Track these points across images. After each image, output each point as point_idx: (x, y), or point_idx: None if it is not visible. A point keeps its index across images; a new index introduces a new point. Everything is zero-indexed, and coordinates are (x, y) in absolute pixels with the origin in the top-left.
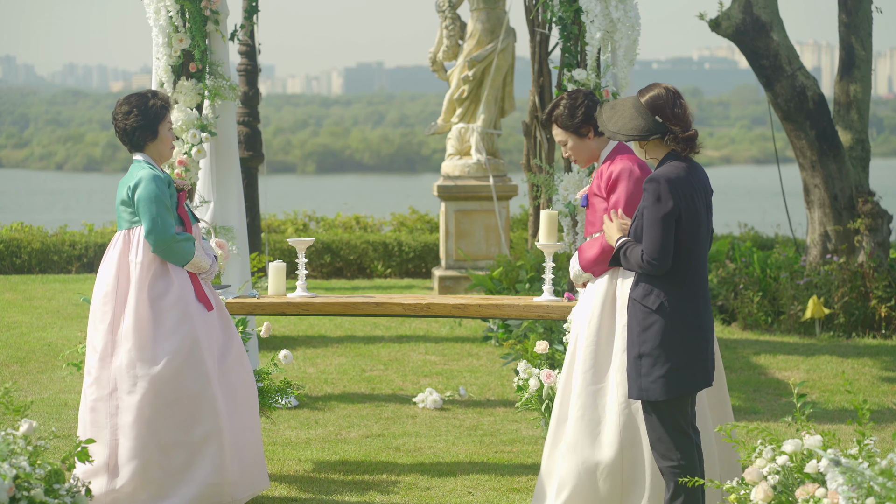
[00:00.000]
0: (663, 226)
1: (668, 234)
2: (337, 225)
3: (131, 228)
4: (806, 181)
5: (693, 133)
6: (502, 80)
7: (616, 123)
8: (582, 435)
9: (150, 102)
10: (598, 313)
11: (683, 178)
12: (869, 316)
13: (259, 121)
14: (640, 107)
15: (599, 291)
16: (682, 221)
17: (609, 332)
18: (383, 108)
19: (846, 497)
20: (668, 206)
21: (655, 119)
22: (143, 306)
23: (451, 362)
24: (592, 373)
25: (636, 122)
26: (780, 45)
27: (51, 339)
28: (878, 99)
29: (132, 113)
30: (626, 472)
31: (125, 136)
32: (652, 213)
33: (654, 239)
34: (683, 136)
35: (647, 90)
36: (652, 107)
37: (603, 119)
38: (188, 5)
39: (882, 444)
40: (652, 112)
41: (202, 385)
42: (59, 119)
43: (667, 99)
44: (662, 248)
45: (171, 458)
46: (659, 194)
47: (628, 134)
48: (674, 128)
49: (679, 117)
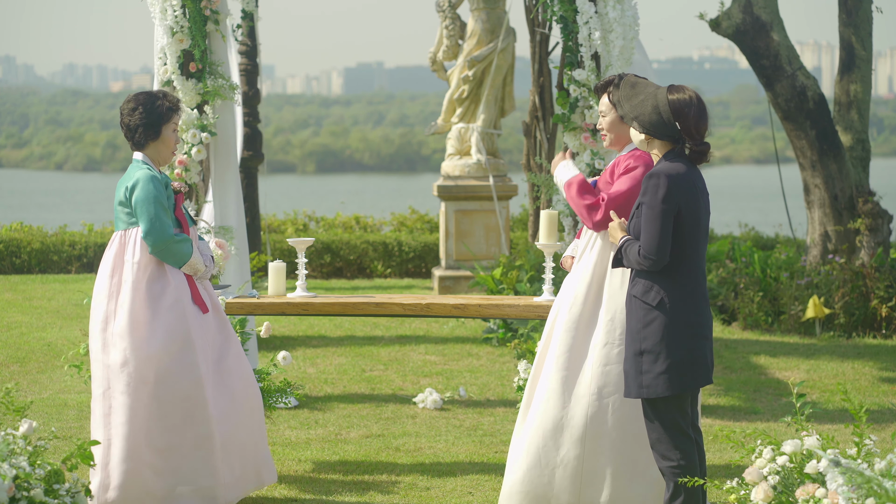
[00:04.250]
0: (662, 221)
1: (666, 229)
2: (337, 225)
3: (128, 229)
4: (806, 181)
5: (705, 147)
6: (502, 80)
7: (635, 109)
8: (545, 419)
9: (158, 102)
10: (582, 300)
11: (684, 175)
12: (869, 316)
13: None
14: (665, 104)
15: (585, 278)
16: (682, 218)
17: (589, 322)
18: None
19: (846, 497)
20: (667, 203)
21: (675, 124)
22: (139, 307)
23: (451, 362)
24: (566, 358)
25: (654, 117)
26: (780, 44)
27: (51, 339)
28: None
29: (137, 110)
30: (586, 463)
31: (128, 132)
32: (651, 209)
33: (653, 234)
34: (696, 148)
35: (677, 90)
36: (676, 111)
37: (620, 95)
38: (188, 5)
39: (882, 444)
40: (674, 115)
41: (196, 388)
42: (59, 119)
43: (694, 110)
44: (660, 243)
45: (165, 460)
46: (659, 190)
47: (643, 124)
48: (688, 140)
49: (699, 132)
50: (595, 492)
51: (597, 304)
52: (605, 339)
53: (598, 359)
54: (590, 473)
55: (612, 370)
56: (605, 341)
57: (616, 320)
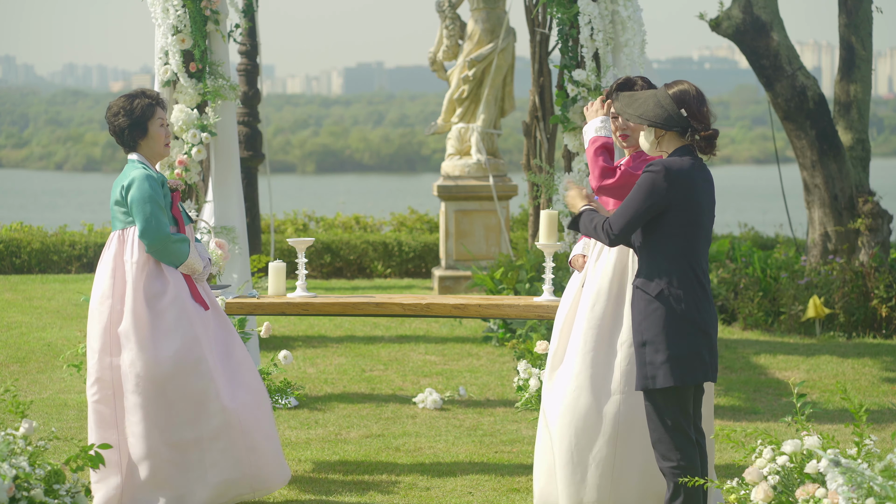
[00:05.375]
0: (640, 206)
1: (640, 216)
2: (337, 225)
3: (125, 228)
4: (806, 181)
5: (714, 132)
6: (502, 80)
7: (639, 108)
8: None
9: (136, 102)
10: (605, 298)
11: (686, 170)
12: (869, 316)
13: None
14: (666, 98)
15: (607, 274)
16: (675, 213)
17: (613, 319)
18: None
19: (846, 497)
20: (655, 194)
21: (680, 112)
22: (141, 306)
23: (451, 362)
24: (593, 356)
25: (660, 111)
26: (780, 44)
27: (50, 339)
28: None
29: (119, 114)
30: (618, 461)
31: (117, 136)
32: (638, 192)
33: (625, 213)
34: (705, 133)
35: (674, 84)
36: (679, 100)
37: (621, 105)
38: (189, 5)
39: (882, 444)
40: (678, 105)
41: (206, 381)
42: (59, 119)
43: (694, 96)
44: (627, 224)
45: (183, 455)
46: (654, 178)
47: (651, 120)
48: (696, 124)
49: (704, 115)
50: (627, 490)
51: (619, 301)
52: (630, 340)
53: (625, 357)
54: (621, 471)
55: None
56: (632, 339)
57: None
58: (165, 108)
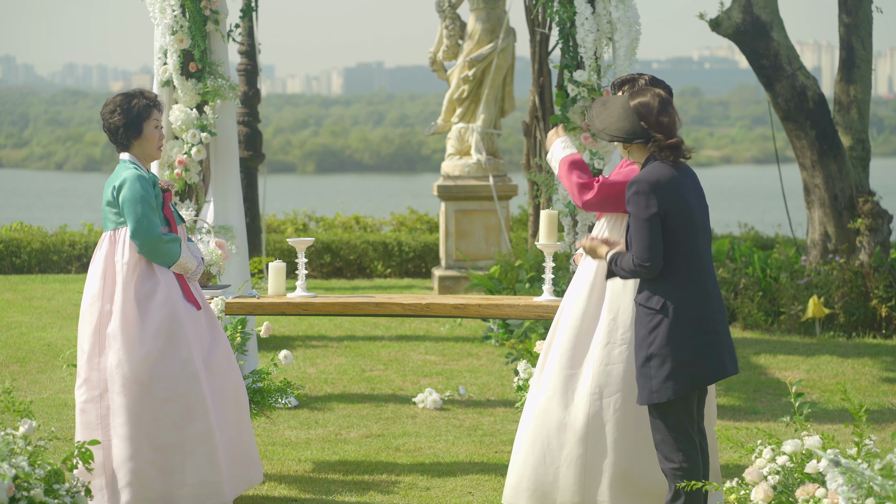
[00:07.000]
0: (649, 227)
1: (655, 235)
2: (337, 225)
3: (117, 229)
4: (806, 181)
5: (677, 141)
6: (502, 80)
7: (603, 122)
8: (549, 417)
9: (134, 101)
10: (586, 297)
11: (666, 178)
12: (869, 316)
13: (259, 121)
14: (628, 109)
15: (588, 275)
16: (671, 220)
17: (592, 319)
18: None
19: (846, 497)
20: (651, 209)
21: (641, 124)
22: (130, 307)
23: (451, 362)
24: (569, 357)
25: (621, 125)
26: (780, 44)
27: (50, 339)
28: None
29: (115, 112)
30: (589, 462)
31: (111, 134)
32: (636, 218)
33: (643, 242)
34: (667, 143)
35: (637, 94)
36: (638, 112)
37: (592, 114)
38: (188, 5)
39: (882, 444)
40: (638, 118)
41: (192, 384)
42: (59, 119)
43: (653, 107)
44: (651, 249)
45: (166, 458)
46: (640, 198)
47: (612, 135)
48: (657, 135)
49: (664, 125)
50: (598, 490)
51: (600, 303)
52: (607, 339)
53: (599, 358)
54: (593, 472)
55: (613, 370)
56: (606, 340)
57: (618, 320)
58: (162, 111)
